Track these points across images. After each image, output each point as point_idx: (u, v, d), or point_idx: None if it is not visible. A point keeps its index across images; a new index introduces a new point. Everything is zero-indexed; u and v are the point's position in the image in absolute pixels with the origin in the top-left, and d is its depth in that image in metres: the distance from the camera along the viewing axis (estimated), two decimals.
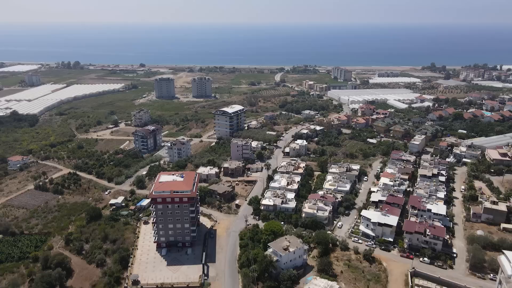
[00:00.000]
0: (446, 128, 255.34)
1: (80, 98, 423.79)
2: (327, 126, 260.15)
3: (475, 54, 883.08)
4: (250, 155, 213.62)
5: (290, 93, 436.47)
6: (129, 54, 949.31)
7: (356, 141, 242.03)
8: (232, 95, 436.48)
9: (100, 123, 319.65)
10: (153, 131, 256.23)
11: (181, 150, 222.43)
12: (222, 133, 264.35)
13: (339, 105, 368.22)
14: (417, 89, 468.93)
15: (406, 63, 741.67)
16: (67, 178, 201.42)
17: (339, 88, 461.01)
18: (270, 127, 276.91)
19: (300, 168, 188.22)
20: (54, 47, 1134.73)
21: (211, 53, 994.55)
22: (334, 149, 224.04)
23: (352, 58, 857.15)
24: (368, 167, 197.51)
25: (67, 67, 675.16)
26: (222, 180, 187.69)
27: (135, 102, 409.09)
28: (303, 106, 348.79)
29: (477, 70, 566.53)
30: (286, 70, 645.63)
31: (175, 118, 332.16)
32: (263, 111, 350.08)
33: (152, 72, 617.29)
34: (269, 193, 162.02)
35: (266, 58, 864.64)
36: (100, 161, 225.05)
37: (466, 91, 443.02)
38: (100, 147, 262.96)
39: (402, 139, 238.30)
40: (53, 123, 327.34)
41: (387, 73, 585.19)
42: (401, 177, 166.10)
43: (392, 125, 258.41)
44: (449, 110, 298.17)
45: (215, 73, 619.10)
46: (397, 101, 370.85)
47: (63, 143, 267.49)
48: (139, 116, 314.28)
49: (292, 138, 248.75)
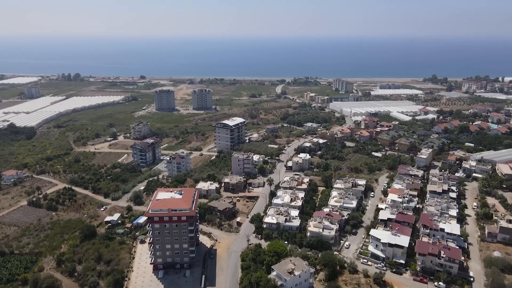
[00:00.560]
0: (453, 141, 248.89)
1: (79, 110, 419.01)
2: (330, 139, 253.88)
3: (476, 66, 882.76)
4: (252, 169, 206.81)
5: (291, 105, 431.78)
6: (130, 66, 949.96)
7: (361, 154, 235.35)
8: (233, 107, 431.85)
9: (98, 136, 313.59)
10: (152, 144, 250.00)
11: (180, 164, 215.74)
12: (222, 146, 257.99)
13: (342, 117, 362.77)
14: (420, 101, 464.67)
15: (407, 75, 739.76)
16: (62, 193, 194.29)
17: (341, 100, 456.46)
18: (271, 140, 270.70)
19: (303, 183, 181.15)
20: (55, 59, 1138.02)
21: (211, 65, 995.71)
22: (338, 163, 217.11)
23: (353, 70, 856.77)
24: (374, 182, 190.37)
25: (67, 79, 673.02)
26: (223, 196, 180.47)
27: (135, 114, 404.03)
28: (305, 118, 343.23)
29: (479, 82, 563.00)
30: (287, 82, 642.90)
31: (175, 131, 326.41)
32: (264, 123, 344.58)
33: (152, 84, 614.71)
34: (271, 210, 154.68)
35: (266, 70, 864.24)
36: (97, 175, 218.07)
37: (469, 103, 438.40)
38: (97, 160, 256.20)
39: (408, 152, 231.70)
40: (51, 135, 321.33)
41: (388, 85, 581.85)
42: (410, 193, 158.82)
43: (397, 138, 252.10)
44: (454, 122, 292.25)
45: (215, 85, 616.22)
46: (400, 113, 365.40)
47: (60, 157, 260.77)
48: (138, 128, 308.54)
49: (294, 152, 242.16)
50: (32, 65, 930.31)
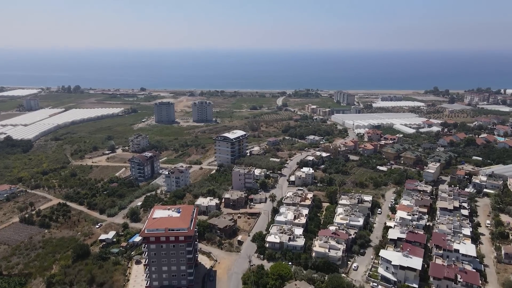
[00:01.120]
0: (459, 154, 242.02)
1: (77, 122, 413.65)
2: (333, 153, 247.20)
3: (477, 78, 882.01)
4: (253, 184, 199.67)
5: (292, 117, 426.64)
6: (130, 78, 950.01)
7: (365, 168, 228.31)
8: (234, 120, 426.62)
9: (96, 149, 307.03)
10: (151, 157, 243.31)
11: (179, 179, 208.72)
12: (223, 159, 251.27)
13: (344, 129, 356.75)
14: (422, 113, 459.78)
15: (408, 87, 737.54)
16: (56, 209, 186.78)
17: (342, 112, 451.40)
18: (273, 153, 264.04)
19: (307, 199, 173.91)
20: (55, 72, 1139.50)
21: (212, 77, 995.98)
22: (342, 178, 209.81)
23: (354, 82, 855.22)
24: (381, 197, 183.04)
25: (67, 91, 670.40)
26: (223, 212, 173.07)
27: (134, 127, 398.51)
28: (307, 131, 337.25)
29: (482, 94, 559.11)
30: (288, 94, 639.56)
31: (175, 144, 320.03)
32: (265, 136, 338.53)
33: (152, 96, 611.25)
34: (274, 229, 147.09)
35: (267, 82, 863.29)
36: (93, 190, 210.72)
37: (472, 115, 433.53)
38: (94, 174, 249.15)
39: (414, 166, 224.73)
40: (48, 148, 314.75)
41: (390, 97, 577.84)
42: (419, 210, 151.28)
43: (402, 151, 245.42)
44: (460, 135, 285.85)
45: (216, 97, 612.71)
46: (404, 125, 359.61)
47: (56, 170, 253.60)
48: (137, 141, 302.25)
49: (297, 166, 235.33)
50: (33, 78, 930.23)
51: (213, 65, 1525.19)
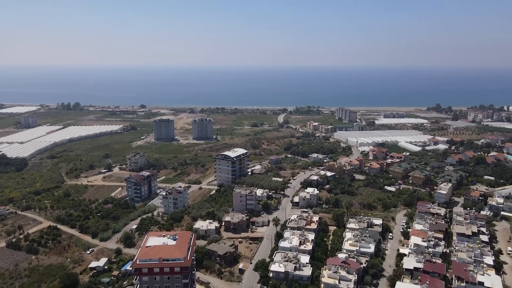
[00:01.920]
0: (470, 174, 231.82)
1: (75, 140, 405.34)
2: (338, 172, 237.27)
3: (478, 95, 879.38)
4: (255, 206, 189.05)
5: (294, 134, 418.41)
6: (130, 95, 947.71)
7: (372, 188, 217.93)
8: (234, 137, 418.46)
9: (92, 167, 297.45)
10: (148, 177, 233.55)
11: (177, 200, 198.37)
12: (223, 179, 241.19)
13: (348, 147, 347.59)
14: (426, 130, 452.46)
15: (410, 104, 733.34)
16: (46, 233, 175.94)
17: (345, 129, 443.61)
18: (275, 172, 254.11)
19: (313, 223, 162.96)
20: (55, 89, 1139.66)
21: (212, 94, 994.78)
22: (348, 198, 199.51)
23: (355, 99, 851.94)
24: (391, 220, 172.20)
25: (66, 108, 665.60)
26: (223, 237, 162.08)
27: (133, 144, 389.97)
28: (309, 148, 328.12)
29: (485, 111, 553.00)
30: (289, 111, 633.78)
31: (174, 162, 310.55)
32: (267, 154, 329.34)
33: (152, 113, 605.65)
34: (278, 256, 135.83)
35: (268, 99, 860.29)
36: (86, 212, 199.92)
37: (478, 132, 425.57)
38: (89, 194, 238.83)
39: (423, 186, 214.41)
40: (43, 167, 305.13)
41: (392, 114, 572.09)
42: (435, 236, 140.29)
43: (410, 170, 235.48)
44: (469, 153, 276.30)
45: (216, 114, 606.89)
46: (409, 143, 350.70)
47: (49, 190, 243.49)
48: (134, 159, 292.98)
49: (300, 185, 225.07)
50: (32, 95, 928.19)
51: (214, 83, 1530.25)
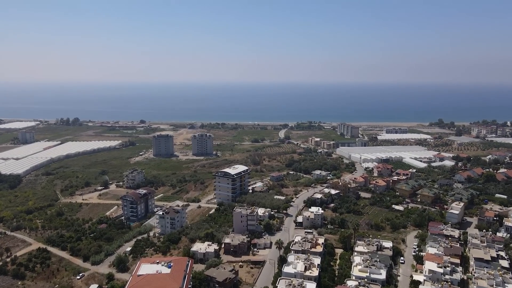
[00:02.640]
0: (481, 192, 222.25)
1: (72, 156, 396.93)
2: (343, 190, 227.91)
3: (480, 111, 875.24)
4: (256, 226, 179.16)
5: (296, 150, 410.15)
6: (130, 110, 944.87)
7: (379, 207, 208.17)
8: (235, 153, 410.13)
9: (88, 184, 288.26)
10: (145, 195, 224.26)
11: (174, 220, 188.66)
12: (223, 197, 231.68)
13: (351, 163, 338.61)
14: (430, 146, 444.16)
15: (411, 119, 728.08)
16: (35, 256, 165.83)
17: (347, 145, 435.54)
18: (277, 190, 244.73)
19: (318, 245, 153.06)
20: (55, 104, 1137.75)
21: (213, 109, 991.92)
22: (354, 218, 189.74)
23: (356, 114, 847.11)
24: (401, 242, 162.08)
25: (65, 123, 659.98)
26: (223, 260, 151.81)
27: (131, 160, 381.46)
28: (312, 165, 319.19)
29: (489, 127, 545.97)
30: (290, 127, 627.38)
31: (172, 179, 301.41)
32: (268, 170, 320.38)
33: (152, 129, 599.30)
34: (282, 283, 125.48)
35: (268, 114, 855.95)
36: (79, 232, 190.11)
37: (483, 148, 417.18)
38: (83, 213, 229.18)
39: (433, 205, 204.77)
40: (37, 184, 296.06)
41: (395, 129, 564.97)
42: (451, 261, 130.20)
43: (417, 188, 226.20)
44: (477, 170, 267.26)
45: (216, 129, 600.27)
46: (414, 159, 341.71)
47: (42, 209, 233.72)
48: (131, 176, 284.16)
49: (304, 204, 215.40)
50: (32, 110, 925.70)
51: (213, 98, 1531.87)
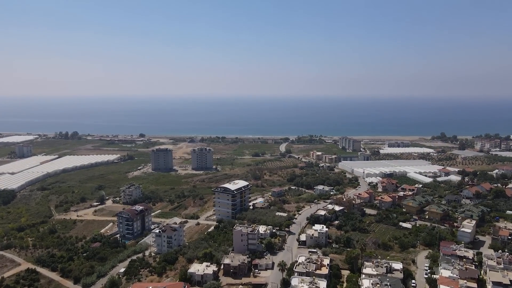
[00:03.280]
0: (491, 208, 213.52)
1: (69, 170, 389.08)
2: (347, 206, 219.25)
3: (482, 125, 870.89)
4: (258, 246, 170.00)
5: (297, 164, 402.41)
6: (130, 124, 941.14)
7: (386, 225, 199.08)
8: (235, 167, 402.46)
9: (84, 200, 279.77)
10: (141, 211, 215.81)
11: (171, 239, 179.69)
12: (222, 214, 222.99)
13: (354, 178, 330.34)
14: (433, 160, 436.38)
15: (413, 133, 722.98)
16: (23, 277, 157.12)
17: (350, 159, 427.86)
18: (279, 206, 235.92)
19: (323, 267, 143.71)
20: (54, 118, 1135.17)
21: (213, 123, 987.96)
22: (360, 236, 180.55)
23: (358, 128, 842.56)
24: (411, 263, 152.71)
25: (64, 137, 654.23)
26: (222, 283, 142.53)
27: (129, 175, 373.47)
28: (314, 180, 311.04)
29: (493, 141, 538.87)
30: (291, 140, 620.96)
31: (170, 194, 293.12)
32: (269, 185, 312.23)
33: (151, 143, 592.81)
34: None
35: (269, 128, 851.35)
36: (71, 252, 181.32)
37: (488, 162, 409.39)
38: (77, 231, 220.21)
39: (442, 222, 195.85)
40: (32, 199, 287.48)
41: (397, 143, 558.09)
42: (467, 285, 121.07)
43: (425, 204, 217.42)
44: (485, 185, 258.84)
45: (217, 143, 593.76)
46: (418, 173, 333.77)
47: (34, 226, 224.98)
48: (128, 192, 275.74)
49: (307, 221, 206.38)
50: (31, 124, 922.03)
51: (214, 112, 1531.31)
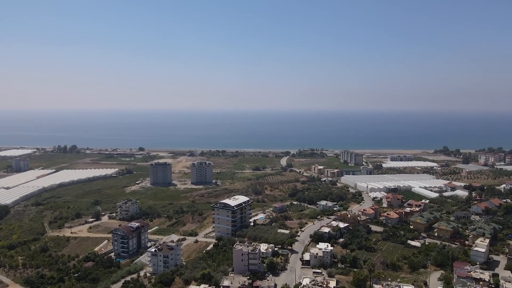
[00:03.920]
0: (503, 225, 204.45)
1: (66, 185, 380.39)
2: (352, 223, 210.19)
3: (484, 138, 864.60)
4: (259, 266, 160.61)
5: (299, 179, 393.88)
6: (129, 138, 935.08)
7: (393, 243, 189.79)
8: (235, 181, 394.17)
9: (79, 216, 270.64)
10: (137, 228, 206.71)
11: (168, 258, 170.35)
12: (222, 231, 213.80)
13: (358, 193, 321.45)
14: (438, 174, 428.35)
15: (415, 147, 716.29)
16: None
17: (352, 173, 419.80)
18: (281, 223, 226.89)
19: None
20: (54, 132, 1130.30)
21: (213, 137, 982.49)
22: (367, 255, 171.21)
23: (359, 141, 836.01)
24: (423, 286, 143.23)
25: (63, 151, 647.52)
26: None
27: (127, 190, 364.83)
28: (316, 195, 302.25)
29: (497, 154, 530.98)
30: (292, 154, 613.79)
31: (169, 209, 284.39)
32: (270, 200, 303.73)
33: (150, 156, 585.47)
34: None
35: (270, 141, 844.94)
36: (62, 272, 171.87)
37: (493, 177, 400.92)
38: (70, 249, 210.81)
39: (452, 241, 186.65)
40: (25, 215, 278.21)
41: (400, 156, 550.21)
42: None
43: (433, 221, 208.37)
44: (494, 201, 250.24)
45: (217, 157, 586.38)
46: (424, 188, 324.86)
47: (26, 244, 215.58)
48: (125, 207, 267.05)
49: (310, 239, 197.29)
50: (30, 138, 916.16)
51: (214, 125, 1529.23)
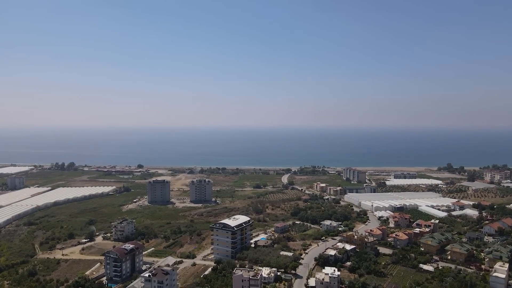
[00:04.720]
0: None
1: (61, 203, 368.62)
2: (359, 244, 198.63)
3: (488, 155, 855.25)
4: None
5: (301, 197, 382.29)
6: (128, 155, 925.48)
7: (404, 267, 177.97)
8: (235, 200, 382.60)
9: (72, 236, 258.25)
10: (132, 250, 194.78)
11: (162, 284, 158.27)
12: (221, 253, 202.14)
13: (363, 212, 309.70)
14: (443, 192, 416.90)
15: (418, 164, 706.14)
16: None
17: (356, 191, 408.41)
18: (283, 244, 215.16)
19: None
20: (51, 149, 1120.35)
21: (213, 154, 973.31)
22: (377, 281, 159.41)
23: (361, 158, 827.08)
24: None
25: (60, 168, 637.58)
26: None
27: (123, 208, 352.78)
28: (319, 214, 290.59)
29: (503, 172, 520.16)
30: (293, 171, 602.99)
31: (166, 229, 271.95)
32: (272, 219, 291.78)
33: (149, 174, 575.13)
34: None
35: (270, 159, 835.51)
36: None
37: (501, 195, 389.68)
38: (59, 272, 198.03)
39: (467, 264, 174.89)
40: (16, 236, 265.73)
41: (403, 174, 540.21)
42: None
43: (445, 243, 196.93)
44: (507, 221, 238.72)
45: (217, 174, 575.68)
46: (431, 207, 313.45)
47: (14, 267, 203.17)
48: (120, 227, 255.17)
49: (315, 262, 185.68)
50: (28, 155, 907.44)
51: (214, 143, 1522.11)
